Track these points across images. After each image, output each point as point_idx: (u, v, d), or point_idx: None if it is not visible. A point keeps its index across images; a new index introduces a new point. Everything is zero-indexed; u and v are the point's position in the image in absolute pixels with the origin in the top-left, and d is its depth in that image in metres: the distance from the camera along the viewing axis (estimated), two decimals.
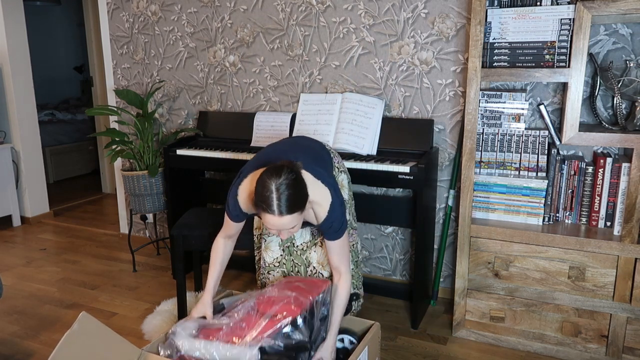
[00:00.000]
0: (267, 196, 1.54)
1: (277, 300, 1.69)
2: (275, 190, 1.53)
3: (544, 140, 2.20)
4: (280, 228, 1.59)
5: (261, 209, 1.57)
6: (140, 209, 3.14)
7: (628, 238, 1.99)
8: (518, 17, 2.07)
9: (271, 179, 1.54)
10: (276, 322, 1.62)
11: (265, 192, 1.54)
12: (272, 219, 1.56)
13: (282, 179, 1.54)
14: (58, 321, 2.55)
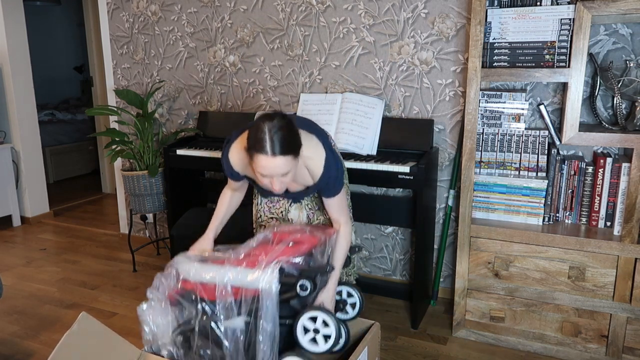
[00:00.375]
0: (260, 137, 1.55)
1: (294, 232, 1.68)
2: (268, 132, 1.54)
3: (544, 140, 2.20)
4: (272, 172, 1.57)
5: (254, 152, 1.57)
6: (140, 209, 3.14)
7: (628, 238, 1.99)
8: (518, 17, 2.07)
9: (264, 122, 1.56)
10: (295, 248, 1.59)
11: (258, 134, 1.55)
12: (265, 160, 1.55)
13: (275, 122, 1.56)
14: (58, 321, 2.55)
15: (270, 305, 1.50)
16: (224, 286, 1.56)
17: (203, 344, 1.59)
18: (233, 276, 1.55)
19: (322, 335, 1.60)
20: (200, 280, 1.59)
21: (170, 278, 1.65)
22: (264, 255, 1.58)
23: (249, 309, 1.53)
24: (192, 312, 1.61)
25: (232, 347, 1.55)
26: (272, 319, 1.51)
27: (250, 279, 1.52)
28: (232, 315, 1.55)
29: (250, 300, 1.53)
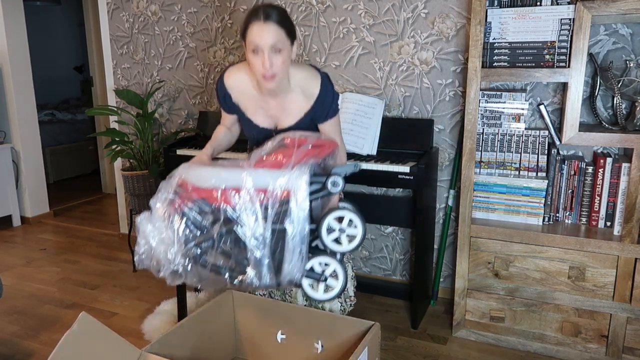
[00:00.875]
0: (255, 9, 1.61)
1: (309, 137, 1.61)
2: (262, 5, 1.64)
3: (544, 140, 2.20)
4: (264, 40, 1.56)
5: (248, 24, 1.60)
6: (140, 209, 3.14)
7: (628, 238, 1.99)
8: (518, 17, 2.07)
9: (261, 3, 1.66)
10: (317, 150, 1.55)
11: (253, 9, 1.62)
12: (257, 27, 1.57)
13: (271, 4, 1.66)
14: (58, 321, 2.55)
15: (301, 206, 1.44)
16: (248, 189, 1.46)
17: (223, 254, 1.50)
18: (257, 179, 1.46)
19: (347, 235, 1.55)
20: (216, 186, 1.47)
21: (173, 186, 1.50)
22: (288, 158, 1.50)
23: (276, 212, 1.45)
24: (208, 220, 1.49)
25: (259, 254, 1.47)
26: (303, 220, 1.45)
27: (280, 181, 1.44)
28: (257, 220, 1.46)
29: (278, 203, 1.45)
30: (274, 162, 1.51)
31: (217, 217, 1.48)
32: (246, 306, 2.06)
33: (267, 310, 2.01)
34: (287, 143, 1.58)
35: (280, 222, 1.46)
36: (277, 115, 1.79)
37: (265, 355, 2.05)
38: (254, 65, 1.62)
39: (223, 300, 2.03)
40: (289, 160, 1.50)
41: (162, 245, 1.53)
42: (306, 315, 1.93)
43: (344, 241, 1.56)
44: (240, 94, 1.78)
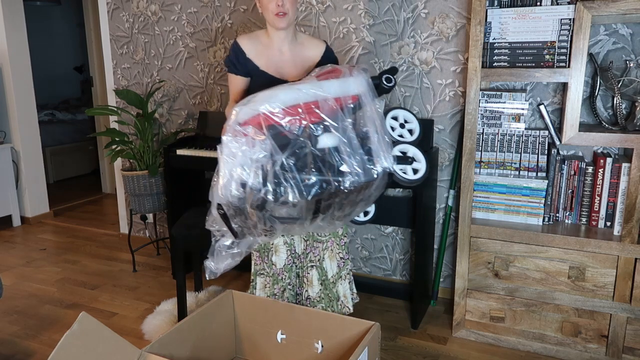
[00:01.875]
0: None
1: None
2: None
3: (544, 140, 2.20)
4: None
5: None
6: (140, 209, 3.14)
7: (628, 238, 1.99)
8: (518, 17, 2.07)
9: None
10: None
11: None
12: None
13: None
14: (58, 321, 2.55)
15: (374, 103, 1.58)
16: (325, 100, 1.51)
17: (318, 170, 1.51)
18: (329, 88, 1.51)
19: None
20: (290, 104, 1.47)
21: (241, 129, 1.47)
22: (338, 72, 1.58)
23: (355, 114, 1.55)
24: (296, 142, 1.49)
25: (353, 153, 1.53)
26: (379, 115, 1.62)
27: (348, 86, 1.53)
28: (344, 125, 1.53)
29: (352, 107, 1.56)
30: (329, 75, 1.57)
31: (304, 134, 1.49)
32: (246, 306, 2.06)
33: (267, 310, 2.01)
34: (327, 69, 1.66)
35: (360, 122, 1.57)
36: (288, 68, 1.94)
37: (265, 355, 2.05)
38: (267, 7, 1.83)
39: (223, 300, 2.03)
40: (342, 72, 1.58)
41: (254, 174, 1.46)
42: (306, 315, 1.93)
43: (409, 172, 1.71)
44: (253, 50, 1.93)
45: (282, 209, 1.49)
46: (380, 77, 1.74)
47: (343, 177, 1.53)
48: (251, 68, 1.94)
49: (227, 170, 1.47)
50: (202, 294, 2.73)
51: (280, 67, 1.94)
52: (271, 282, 2.02)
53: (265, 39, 1.95)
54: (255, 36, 1.96)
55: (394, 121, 1.79)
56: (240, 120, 1.48)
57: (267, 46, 1.94)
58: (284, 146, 1.47)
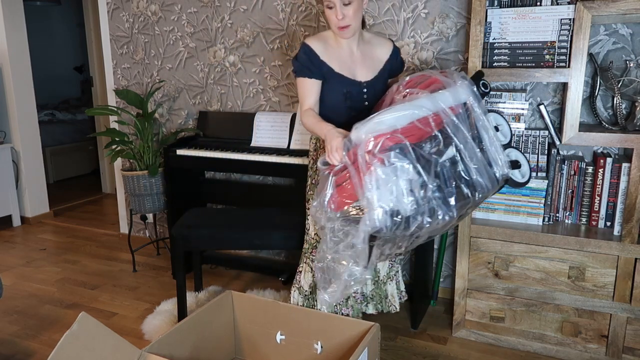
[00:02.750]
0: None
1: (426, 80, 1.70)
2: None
3: (544, 140, 2.20)
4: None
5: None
6: (140, 209, 3.14)
7: (628, 238, 1.99)
8: (518, 17, 2.07)
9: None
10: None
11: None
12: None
13: None
14: (58, 321, 2.55)
15: (482, 109, 1.59)
16: (444, 111, 1.52)
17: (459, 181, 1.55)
18: (443, 100, 1.51)
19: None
20: (418, 118, 1.48)
21: (354, 147, 1.48)
22: (438, 82, 1.59)
23: (469, 123, 1.56)
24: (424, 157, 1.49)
25: (476, 162, 1.58)
26: (488, 122, 1.62)
27: (459, 94, 1.54)
28: (463, 135, 1.55)
29: (466, 115, 1.56)
30: (435, 86, 1.56)
31: (435, 148, 1.51)
32: (246, 306, 2.06)
33: (266, 310, 2.01)
34: (416, 80, 1.70)
35: (473, 130, 1.56)
36: (360, 69, 1.95)
37: (264, 355, 2.05)
38: (330, 19, 1.82)
39: (223, 301, 2.04)
40: (443, 81, 1.57)
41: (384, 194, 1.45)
42: (305, 316, 1.93)
43: (517, 175, 1.78)
44: (325, 52, 1.90)
45: (431, 227, 1.51)
46: (477, 83, 1.72)
47: (475, 188, 1.57)
48: (326, 70, 1.90)
49: (376, 198, 1.44)
50: (202, 294, 2.74)
51: (353, 69, 1.94)
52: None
53: (333, 40, 1.92)
54: (324, 38, 1.93)
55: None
56: (373, 144, 1.47)
57: (337, 47, 1.92)
58: (426, 166, 1.48)
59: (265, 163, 2.62)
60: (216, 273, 3.11)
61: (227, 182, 3.18)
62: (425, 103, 1.51)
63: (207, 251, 3.12)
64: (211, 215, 2.47)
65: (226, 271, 3.14)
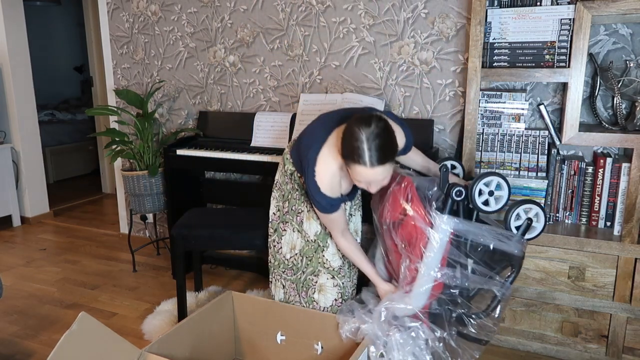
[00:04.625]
0: (357, 147, 1.50)
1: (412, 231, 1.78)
2: (366, 141, 1.49)
3: (544, 140, 2.20)
4: (371, 180, 1.58)
5: (351, 161, 1.54)
6: (140, 209, 3.14)
7: (628, 238, 1.99)
8: (518, 17, 2.07)
9: (361, 129, 1.50)
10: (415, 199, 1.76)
11: (355, 142, 1.50)
12: (364, 171, 1.54)
13: (372, 128, 1.50)
14: (58, 321, 2.55)
15: (466, 230, 1.68)
16: (438, 268, 1.69)
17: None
18: (433, 262, 1.67)
19: (495, 197, 1.80)
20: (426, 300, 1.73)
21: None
22: (421, 235, 1.70)
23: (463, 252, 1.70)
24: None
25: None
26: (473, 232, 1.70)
27: (441, 243, 1.66)
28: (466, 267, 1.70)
29: (457, 242, 1.68)
30: (421, 245, 1.71)
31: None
32: (246, 307, 2.06)
33: (266, 311, 2.01)
34: (413, 240, 1.76)
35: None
36: None
37: (264, 356, 2.05)
38: (358, 184, 1.67)
39: (223, 301, 2.03)
40: (424, 234, 1.69)
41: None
42: (306, 316, 1.93)
43: (492, 202, 1.78)
44: (341, 183, 1.77)
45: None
46: (449, 190, 1.75)
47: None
48: (346, 194, 1.84)
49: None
50: (202, 294, 2.73)
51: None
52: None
53: (343, 167, 1.71)
54: (335, 174, 1.72)
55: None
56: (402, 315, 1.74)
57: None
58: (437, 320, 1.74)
59: (265, 163, 2.62)
60: (216, 273, 3.11)
61: (227, 182, 3.18)
62: (426, 280, 1.69)
63: (207, 251, 3.12)
64: (211, 215, 2.47)
65: (226, 271, 3.14)
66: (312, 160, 1.69)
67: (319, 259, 1.97)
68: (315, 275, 1.98)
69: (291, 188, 1.99)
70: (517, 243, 1.71)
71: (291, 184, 1.99)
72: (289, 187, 2.00)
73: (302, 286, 2.01)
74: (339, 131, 1.69)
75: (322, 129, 1.77)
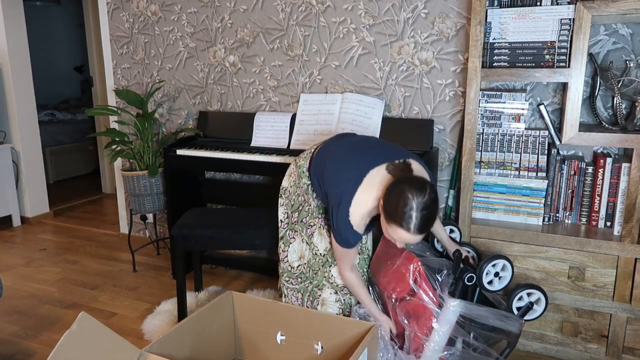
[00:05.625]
0: (406, 212, 1.53)
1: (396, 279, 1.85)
2: (417, 209, 1.53)
3: (544, 140, 2.20)
4: (405, 241, 1.62)
5: (393, 222, 1.57)
6: (140, 209, 3.14)
7: (628, 238, 1.99)
8: (518, 17, 2.07)
9: (414, 195, 1.53)
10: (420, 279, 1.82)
11: (405, 207, 1.53)
12: (404, 234, 1.57)
13: (425, 198, 1.53)
14: (58, 321, 2.55)
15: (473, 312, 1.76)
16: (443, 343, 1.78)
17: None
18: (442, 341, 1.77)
19: (499, 278, 1.90)
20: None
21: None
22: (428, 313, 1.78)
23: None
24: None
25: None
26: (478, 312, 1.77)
27: (449, 320, 1.75)
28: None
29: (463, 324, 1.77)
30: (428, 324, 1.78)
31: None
32: (246, 307, 2.06)
33: (266, 311, 2.01)
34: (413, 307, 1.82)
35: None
36: None
37: (264, 356, 2.04)
38: (388, 237, 1.69)
39: (223, 301, 2.03)
40: (430, 311, 1.76)
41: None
42: (306, 316, 1.93)
43: (496, 282, 1.89)
44: (369, 216, 1.78)
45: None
46: (461, 275, 1.82)
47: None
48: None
49: None
50: (202, 294, 2.73)
51: None
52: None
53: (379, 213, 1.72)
54: (366, 215, 1.74)
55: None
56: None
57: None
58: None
59: (265, 163, 2.62)
60: (216, 273, 3.11)
61: (227, 182, 3.18)
62: (432, 358, 1.76)
63: (207, 251, 3.12)
64: (211, 215, 2.47)
65: (226, 271, 3.14)
66: (347, 201, 1.72)
67: (324, 273, 1.99)
68: (320, 289, 2.01)
69: (303, 201, 2.01)
70: (516, 322, 1.75)
71: (304, 197, 2.01)
72: (301, 199, 2.02)
73: (308, 295, 2.04)
74: (376, 175, 1.70)
75: (356, 167, 1.76)
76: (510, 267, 1.90)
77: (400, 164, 1.71)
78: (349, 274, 1.89)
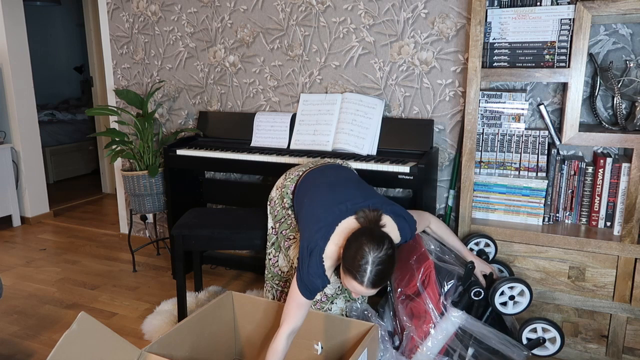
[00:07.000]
0: (362, 266, 1.52)
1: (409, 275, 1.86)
2: (372, 263, 1.51)
3: (544, 140, 2.20)
4: (359, 293, 1.61)
5: (349, 274, 1.56)
6: (140, 209, 3.14)
7: (628, 238, 1.99)
8: (518, 17, 2.07)
9: (370, 249, 1.51)
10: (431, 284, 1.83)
11: (360, 260, 1.52)
12: (358, 287, 1.56)
13: (381, 253, 1.52)
14: (58, 321, 2.55)
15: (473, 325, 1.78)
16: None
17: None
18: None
19: (514, 302, 1.87)
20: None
21: None
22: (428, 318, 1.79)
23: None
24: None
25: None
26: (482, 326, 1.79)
27: (447, 330, 1.75)
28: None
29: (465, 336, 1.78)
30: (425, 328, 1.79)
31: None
32: (246, 307, 2.06)
33: (266, 311, 2.01)
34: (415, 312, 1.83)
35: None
36: None
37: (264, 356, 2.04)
38: (345, 287, 1.66)
39: (223, 301, 2.03)
40: (430, 318, 1.79)
41: None
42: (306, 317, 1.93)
43: (510, 305, 1.87)
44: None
45: None
46: (468, 289, 1.83)
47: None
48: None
49: None
50: (202, 294, 2.73)
51: None
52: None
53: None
54: (334, 259, 1.69)
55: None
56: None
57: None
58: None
59: (265, 163, 2.62)
60: (216, 273, 3.11)
61: (227, 182, 3.18)
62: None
63: (207, 251, 3.12)
64: (211, 215, 2.47)
65: (226, 271, 3.14)
66: (320, 248, 1.66)
67: None
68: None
69: (286, 214, 2.05)
70: (521, 353, 1.73)
71: (287, 212, 2.04)
72: (284, 213, 2.05)
73: None
74: (347, 226, 1.67)
75: (330, 211, 1.72)
76: (529, 294, 1.85)
77: (371, 214, 1.64)
78: (284, 339, 1.65)
